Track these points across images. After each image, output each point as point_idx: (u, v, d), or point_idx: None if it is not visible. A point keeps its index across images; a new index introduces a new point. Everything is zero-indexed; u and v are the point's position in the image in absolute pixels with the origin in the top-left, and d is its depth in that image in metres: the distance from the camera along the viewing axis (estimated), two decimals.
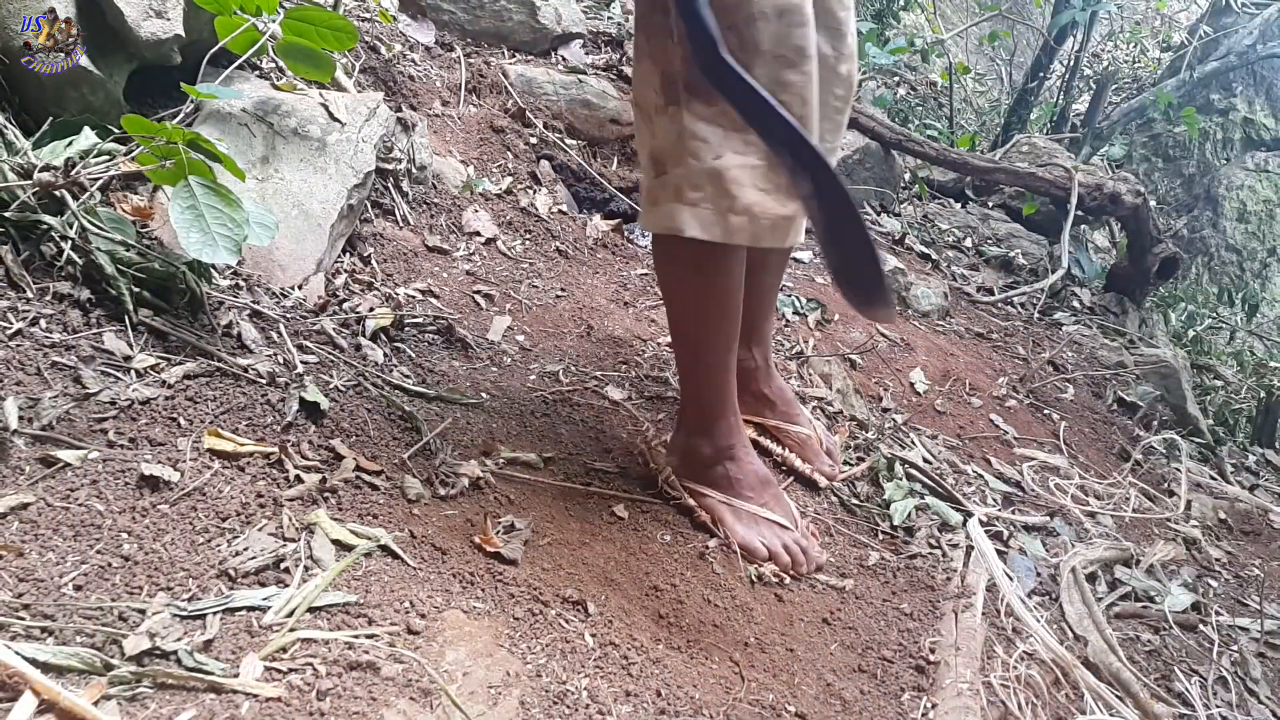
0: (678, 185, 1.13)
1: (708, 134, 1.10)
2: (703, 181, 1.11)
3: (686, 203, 1.12)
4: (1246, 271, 5.93)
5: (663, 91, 1.12)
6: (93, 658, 0.76)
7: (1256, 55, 5.72)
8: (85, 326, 1.17)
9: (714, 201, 1.11)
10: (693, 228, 1.12)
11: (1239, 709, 1.30)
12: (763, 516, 1.32)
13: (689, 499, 1.32)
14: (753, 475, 1.34)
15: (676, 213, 1.13)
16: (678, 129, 1.11)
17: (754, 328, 1.50)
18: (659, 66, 1.12)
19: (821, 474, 1.51)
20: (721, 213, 1.11)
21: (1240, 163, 6.08)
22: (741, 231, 1.12)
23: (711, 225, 1.12)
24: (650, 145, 1.16)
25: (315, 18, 1.50)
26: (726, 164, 1.10)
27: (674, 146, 1.12)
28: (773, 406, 1.55)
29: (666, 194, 1.14)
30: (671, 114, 1.12)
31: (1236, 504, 1.99)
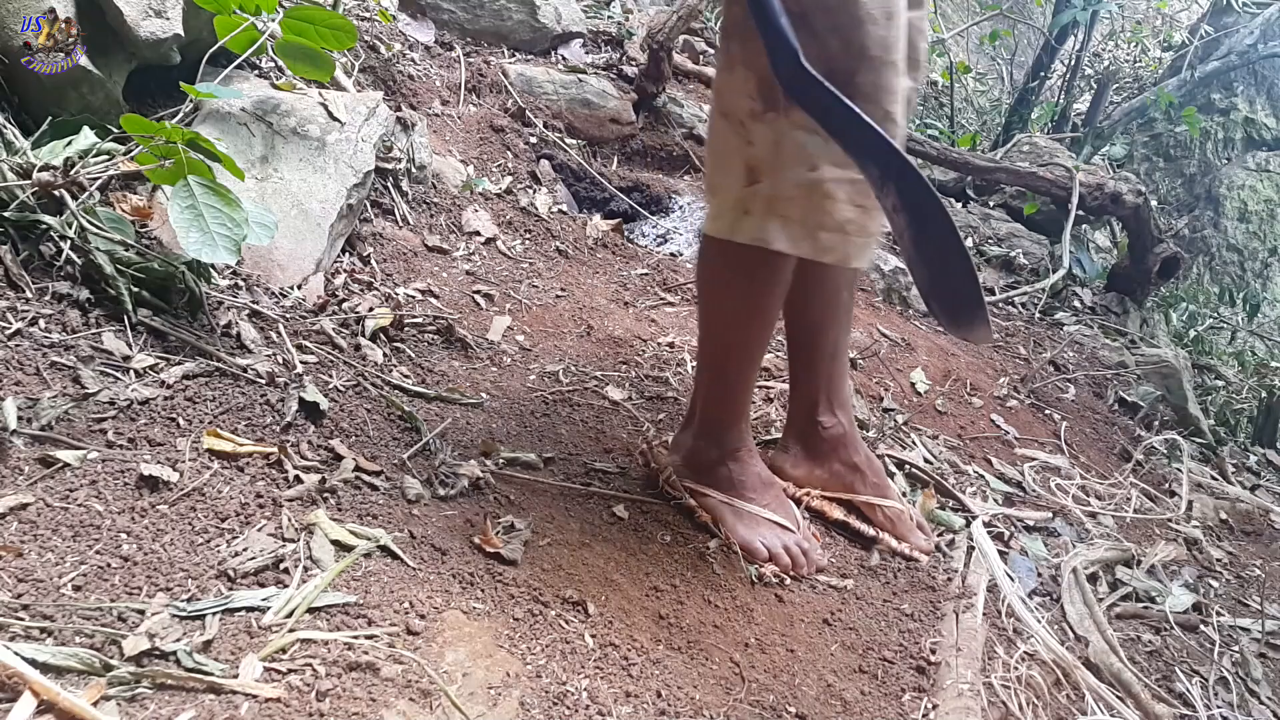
0: (770, 196, 1.08)
1: (806, 143, 1.05)
2: (797, 195, 1.06)
3: (778, 215, 1.08)
4: (1248, 271, 5.93)
5: (760, 97, 1.07)
6: (92, 658, 0.76)
7: (1257, 55, 5.72)
8: (84, 326, 1.17)
9: (806, 217, 1.07)
10: (781, 242, 1.08)
11: (1240, 709, 1.30)
12: (764, 517, 1.30)
13: (689, 499, 1.32)
14: (755, 476, 1.33)
15: (767, 225, 1.08)
16: (776, 137, 1.06)
17: (834, 390, 1.42)
18: (755, 73, 1.06)
19: (920, 550, 1.40)
20: (813, 229, 1.07)
21: (1241, 162, 6.07)
22: (832, 250, 1.08)
23: (802, 241, 1.08)
24: (745, 153, 1.10)
25: (315, 17, 1.50)
26: (824, 176, 1.05)
27: (771, 155, 1.07)
28: (864, 478, 1.43)
29: (758, 204, 1.09)
30: (770, 120, 1.06)
31: (1238, 504, 1.99)
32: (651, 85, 2.82)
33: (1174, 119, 5.45)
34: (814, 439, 1.43)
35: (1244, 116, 6.07)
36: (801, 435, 1.45)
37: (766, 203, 1.09)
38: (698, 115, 2.95)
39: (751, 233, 1.10)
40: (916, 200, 0.84)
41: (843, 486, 1.44)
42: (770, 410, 1.68)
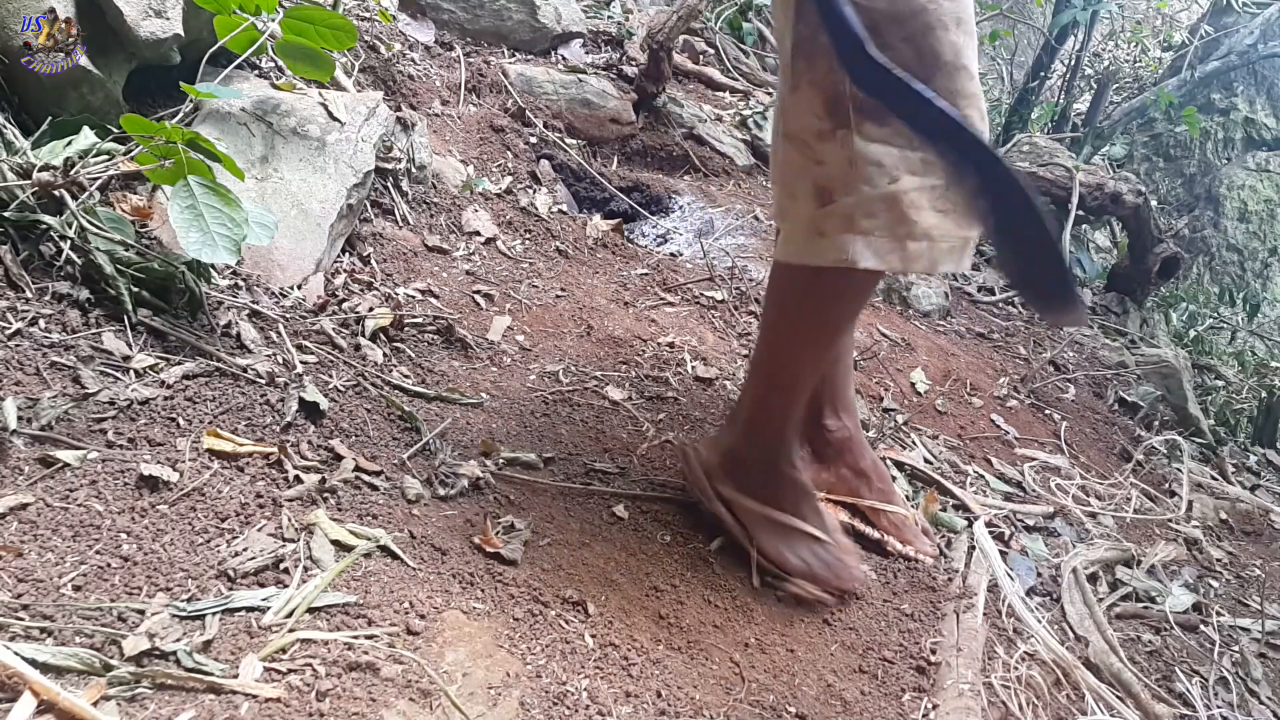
0: (849, 214, 1.05)
1: (881, 156, 1.03)
2: (878, 208, 1.04)
3: (859, 231, 1.05)
4: (1248, 271, 5.93)
5: (828, 115, 1.05)
6: (92, 658, 0.76)
7: (1257, 55, 5.72)
8: (84, 326, 1.17)
9: (890, 229, 1.04)
10: (868, 259, 1.05)
11: (1240, 709, 1.30)
12: (800, 529, 1.26)
13: (720, 509, 1.26)
14: (796, 488, 1.28)
15: (849, 244, 1.05)
16: (848, 154, 1.04)
17: (839, 394, 1.42)
18: (821, 91, 1.05)
19: (925, 554, 1.40)
20: (899, 240, 1.05)
21: (1241, 162, 6.08)
22: (921, 258, 1.06)
23: (889, 254, 1.05)
24: (814, 174, 1.08)
25: (315, 17, 1.50)
26: (903, 187, 1.03)
27: (844, 173, 1.05)
28: (869, 483, 1.43)
29: (835, 224, 1.06)
30: (841, 138, 1.04)
31: (1238, 504, 1.99)
32: (651, 85, 2.82)
33: (1174, 119, 5.45)
34: (819, 443, 1.42)
35: (1244, 116, 6.07)
36: (807, 439, 1.43)
37: (845, 220, 1.06)
38: (697, 115, 2.95)
39: (832, 254, 1.07)
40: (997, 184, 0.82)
41: (848, 490, 1.43)
42: None
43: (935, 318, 2.53)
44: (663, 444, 1.49)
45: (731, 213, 2.58)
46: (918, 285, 2.55)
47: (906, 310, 2.48)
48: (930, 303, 2.54)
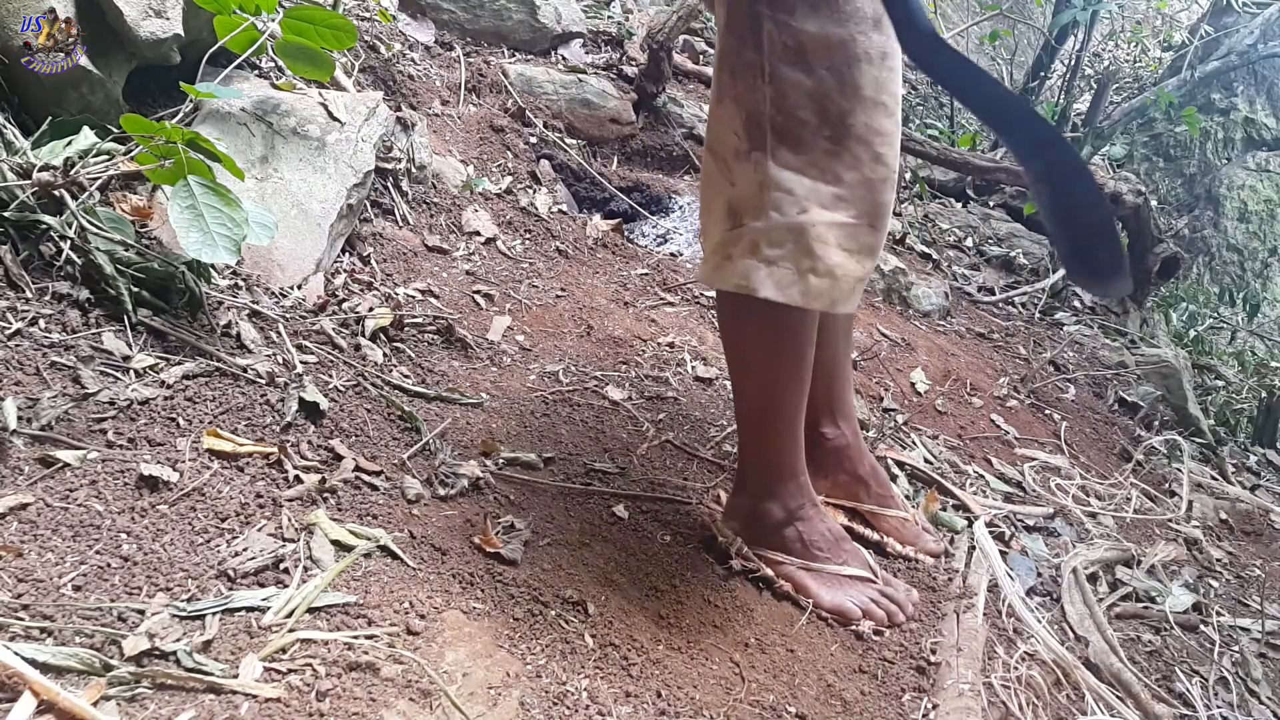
0: (754, 240, 1.03)
1: (794, 185, 1.02)
2: (784, 238, 1.02)
3: (763, 260, 1.03)
4: (1248, 271, 5.93)
5: (746, 135, 1.03)
6: (92, 658, 0.76)
7: (1257, 55, 5.72)
8: (84, 326, 1.17)
9: (794, 261, 1.02)
10: (768, 288, 1.03)
11: (1240, 709, 1.30)
12: (845, 575, 1.23)
13: (767, 568, 1.22)
14: (827, 534, 1.25)
15: (752, 271, 1.03)
16: (760, 178, 1.02)
17: (837, 400, 1.40)
18: (744, 108, 1.03)
19: (927, 553, 1.40)
20: (802, 273, 1.03)
21: (1241, 162, 6.08)
22: (821, 296, 1.04)
23: (789, 286, 1.03)
24: (727, 194, 1.07)
25: (314, 17, 1.50)
26: (812, 219, 1.01)
27: (754, 197, 1.03)
28: (867, 488, 1.43)
29: (741, 249, 1.04)
30: (755, 160, 1.03)
31: (1238, 504, 1.99)
32: (651, 85, 2.82)
33: (1174, 119, 5.45)
34: (818, 450, 1.40)
35: (1244, 116, 6.07)
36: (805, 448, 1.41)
37: (750, 246, 1.04)
38: (698, 115, 2.95)
39: (735, 279, 1.05)
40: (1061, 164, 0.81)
41: (847, 496, 1.42)
42: None
43: (935, 318, 2.53)
44: (663, 444, 1.49)
45: None
46: (918, 285, 2.55)
47: (906, 310, 2.48)
48: (930, 303, 2.54)
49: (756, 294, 1.03)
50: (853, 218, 1.03)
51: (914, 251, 2.96)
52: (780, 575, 1.22)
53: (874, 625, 1.21)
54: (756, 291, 1.03)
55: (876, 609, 1.22)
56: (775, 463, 1.22)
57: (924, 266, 2.87)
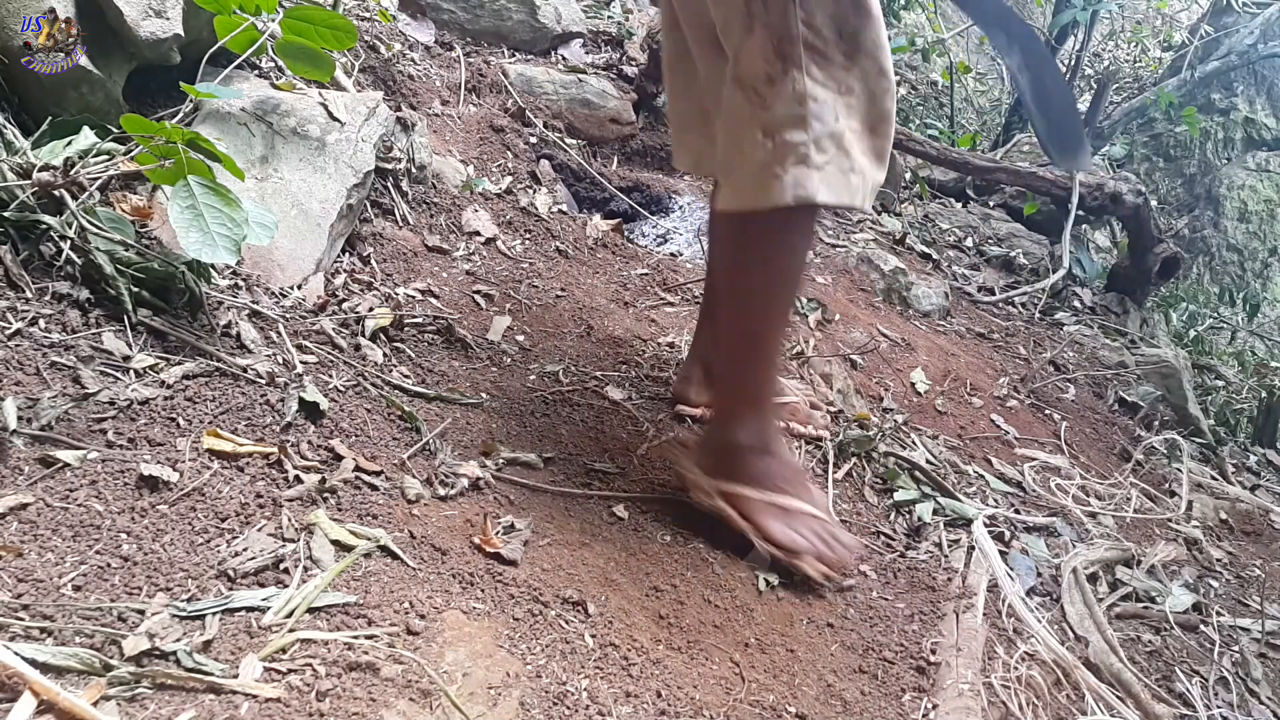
0: (804, 152, 1.09)
1: (825, 96, 1.10)
2: (828, 145, 1.10)
3: (815, 166, 1.09)
4: (1247, 271, 5.93)
5: (778, 58, 1.09)
6: (92, 658, 0.76)
7: (1257, 55, 5.72)
8: (84, 326, 1.17)
9: (837, 163, 1.10)
10: (824, 192, 1.10)
11: (1240, 709, 1.30)
12: (800, 510, 1.27)
13: (723, 504, 1.26)
14: (789, 468, 1.30)
15: (805, 179, 1.09)
16: (800, 93, 1.09)
17: None
18: (774, 33, 1.09)
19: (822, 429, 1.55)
20: (845, 174, 1.11)
21: (1241, 162, 6.08)
22: (858, 193, 1.13)
23: (840, 188, 1.11)
24: (762, 119, 1.11)
25: (315, 17, 1.50)
26: (843, 127, 1.11)
27: (796, 112, 1.09)
28: None
29: (791, 162, 1.10)
30: (793, 78, 1.09)
31: (1238, 504, 1.99)
32: (651, 85, 2.82)
33: (1174, 119, 5.45)
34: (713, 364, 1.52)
35: (1244, 116, 6.07)
36: (702, 361, 1.55)
37: (800, 157, 1.10)
38: None
39: (791, 192, 1.10)
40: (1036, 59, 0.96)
41: None
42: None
43: (935, 318, 2.53)
44: (662, 444, 1.49)
45: None
46: (918, 285, 2.55)
47: (906, 310, 2.48)
48: (930, 303, 2.54)
49: (814, 199, 1.10)
50: (862, 124, 1.13)
51: (914, 251, 2.96)
52: (739, 509, 1.25)
53: (821, 570, 1.23)
54: (814, 197, 1.10)
55: (826, 551, 1.25)
56: (756, 390, 1.29)
57: (924, 266, 2.87)
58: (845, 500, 1.53)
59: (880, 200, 3.27)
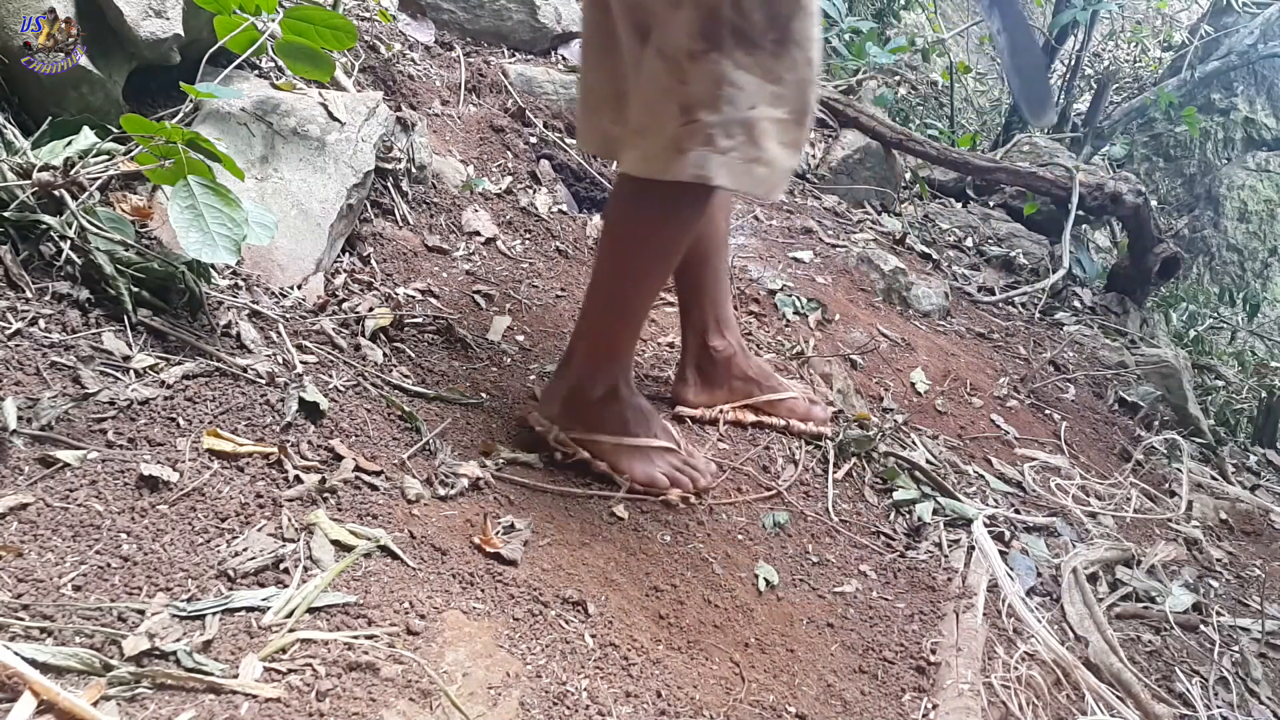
0: (710, 134, 1.11)
1: (746, 82, 1.11)
2: (737, 131, 1.12)
3: (717, 150, 1.11)
4: (1248, 271, 5.93)
5: (703, 36, 1.10)
6: (92, 658, 0.76)
7: (1257, 55, 5.72)
8: (84, 326, 1.17)
9: (743, 151, 1.12)
10: (722, 176, 1.12)
11: (1240, 709, 1.30)
12: (654, 447, 1.34)
13: (583, 452, 1.32)
14: (637, 409, 1.36)
15: (707, 160, 1.12)
16: (717, 75, 1.10)
17: (721, 313, 1.55)
18: (702, 11, 1.10)
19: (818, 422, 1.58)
20: (749, 163, 1.13)
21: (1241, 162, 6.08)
22: (763, 184, 1.15)
23: (740, 175, 1.13)
24: (679, 93, 1.13)
25: (315, 17, 1.50)
26: (759, 115, 1.12)
27: (710, 93, 1.11)
28: (759, 384, 1.60)
29: (696, 141, 1.12)
30: (713, 59, 1.10)
31: (1238, 504, 1.99)
32: None
33: (1174, 119, 5.45)
34: (708, 364, 1.56)
35: (1244, 116, 6.07)
36: (697, 362, 1.57)
37: (706, 139, 1.12)
38: None
39: (690, 170, 1.13)
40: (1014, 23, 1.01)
41: (744, 397, 1.59)
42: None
43: (935, 318, 2.53)
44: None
45: (731, 212, 2.57)
46: (918, 285, 2.55)
47: (906, 310, 2.48)
48: (930, 303, 2.54)
49: (711, 182, 1.13)
50: (787, 114, 1.15)
51: (914, 251, 2.96)
52: (596, 455, 1.33)
53: (680, 493, 1.32)
54: (711, 180, 1.13)
55: (682, 477, 1.34)
56: (612, 346, 1.33)
57: (924, 266, 2.87)
58: (845, 500, 1.53)
59: (880, 200, 3.27)
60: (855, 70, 3.84)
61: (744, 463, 1.50)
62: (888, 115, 3.46)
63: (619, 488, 1.31)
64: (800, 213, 2.73)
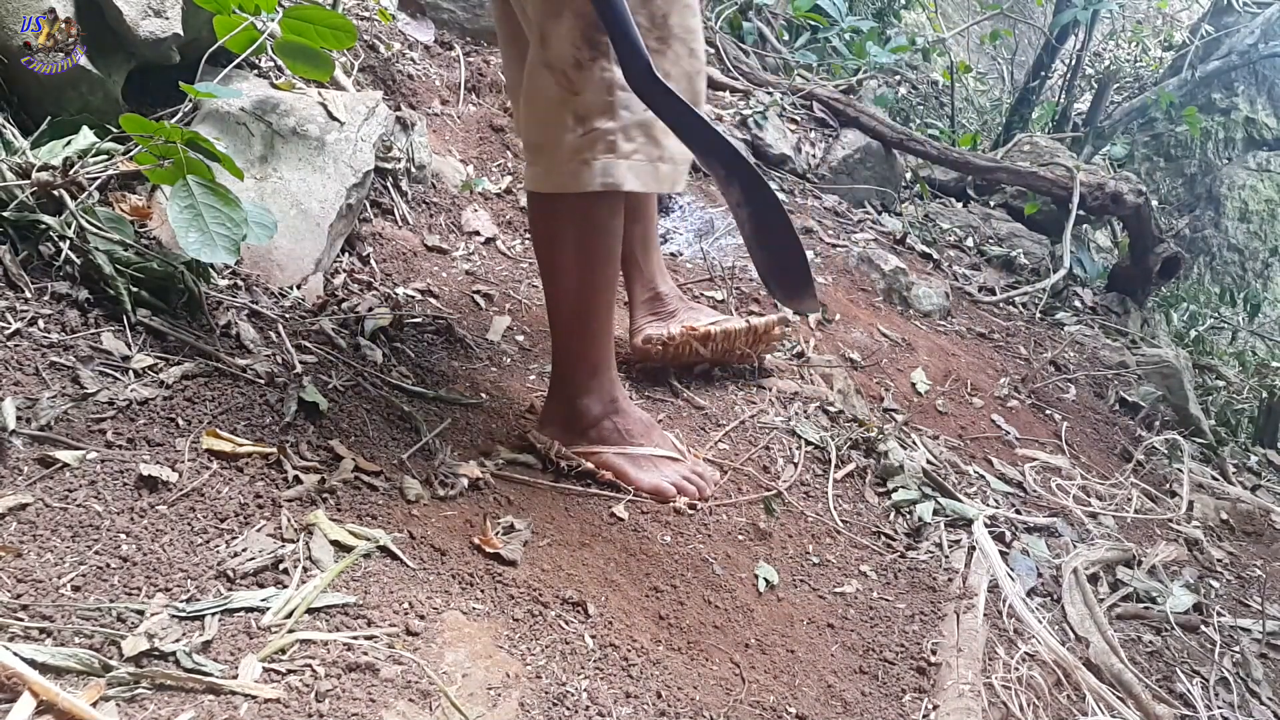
0: (611, 140, 1.13)
1: None
2: (636, 133, 1.13)
3: (622, 155, 1.13)
4: (1248, 271, 5.93)
5: (586, 44, 1.11)
6: (91, 659, 0.76)
7: (1258, 54, 5.72)
8: (83, 326, 1.17)
9: (646, 152, 1.14)
10: (630, 180, 1.13)
11: (1240, 710, 1.30)
12: (658, 456, 1.35)
13: (587, 463, 1.33)
14: (637, 420, 1.37)
15: (613, 168, 1.13)
16: (608, 81, 1.11)
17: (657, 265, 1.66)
18: (582, 20, 1.10)
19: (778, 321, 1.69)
20: (653, 162, 1.14)
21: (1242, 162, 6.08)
22: (667, 180, 1.17)
23: (647, 176, 1.14)
24: (573, 105, 1.14)
25: (314, 16, 1.50)
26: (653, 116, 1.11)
27: (603, 100, 1.12)
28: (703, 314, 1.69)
29: (598, 149, 1.13)
30: (601, 66, 1.11)
31: (1238, 504, 1.99)
32: None
33: (1174, 119, 5.45)
34: (658, 304, 1.65)
35: (1244, 116, 6.07)
36: (649, 307, 1.65)
37: (608, 146, 1.13)
38: None
39: (599, 179, 1.13)
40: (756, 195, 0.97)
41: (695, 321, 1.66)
42: None
43: (935, 318, 2.52)
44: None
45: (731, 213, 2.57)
46: (918, 285, 2.55)
47: (907, 310, 2.48)
48: (931, 303, 2.54)
49: (621, 187, 1.14)
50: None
51: (914, 251, 2.96)
52: (600, 466, 1.32)
53: (688, 501, 1.33)
54: (621, 186, 1.14)
55: (688, 485, 1.34)
56: (594, 360, 1.32)
57: (924, 266, 2.87)
58: (845, 500, 1.53)
59: (881, 200, 3.27)
60: (856, 70, 3.84)
61: (744, 463, 1.50)
62: (888, 115, 3.46)
63: (625, 493, 1.31)
64: (800, 212, 2.73)
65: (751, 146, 3.00)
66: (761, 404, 1.68)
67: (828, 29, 3.80)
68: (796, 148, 3.11)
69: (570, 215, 1.22)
